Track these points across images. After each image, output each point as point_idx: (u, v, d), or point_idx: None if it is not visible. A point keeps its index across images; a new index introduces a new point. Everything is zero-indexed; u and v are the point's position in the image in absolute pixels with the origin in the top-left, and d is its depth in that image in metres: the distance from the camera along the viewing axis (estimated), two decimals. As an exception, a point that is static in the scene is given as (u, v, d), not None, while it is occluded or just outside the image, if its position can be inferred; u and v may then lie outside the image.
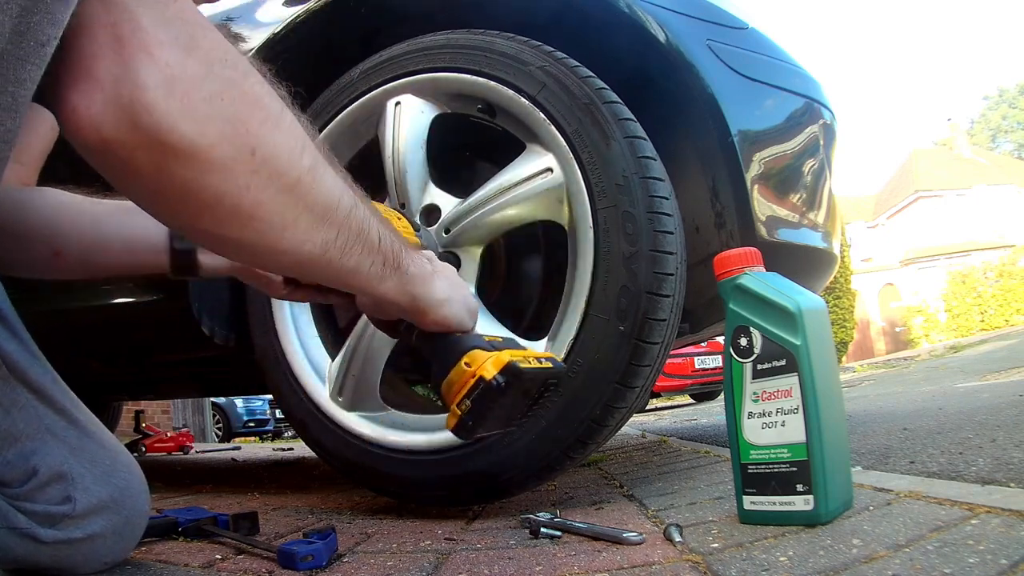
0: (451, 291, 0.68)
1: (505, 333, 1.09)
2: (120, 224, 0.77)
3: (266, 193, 0.48)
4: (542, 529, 0.85)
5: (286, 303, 1.26)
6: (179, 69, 0.43)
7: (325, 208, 0.53)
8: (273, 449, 4.12)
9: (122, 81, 0.41)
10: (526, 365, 0.65)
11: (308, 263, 0.54)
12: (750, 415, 0.81)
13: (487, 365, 0.63)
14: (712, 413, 5.21)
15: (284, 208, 0.50)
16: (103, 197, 0.79)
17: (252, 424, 9.73)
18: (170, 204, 0.48)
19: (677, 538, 0.77)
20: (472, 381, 0.63)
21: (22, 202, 0.74)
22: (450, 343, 0.67)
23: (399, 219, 0.80)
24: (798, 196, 1.33)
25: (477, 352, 0.65)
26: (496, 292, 1.30)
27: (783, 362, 0.79)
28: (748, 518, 0.82)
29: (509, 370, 0.63)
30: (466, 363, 0.65)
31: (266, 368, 1.28)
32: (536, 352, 0.72)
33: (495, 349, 0.65)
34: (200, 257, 0.78)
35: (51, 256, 0.75)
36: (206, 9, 1.18)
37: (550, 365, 0.71)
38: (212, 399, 8.56)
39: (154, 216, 0.51)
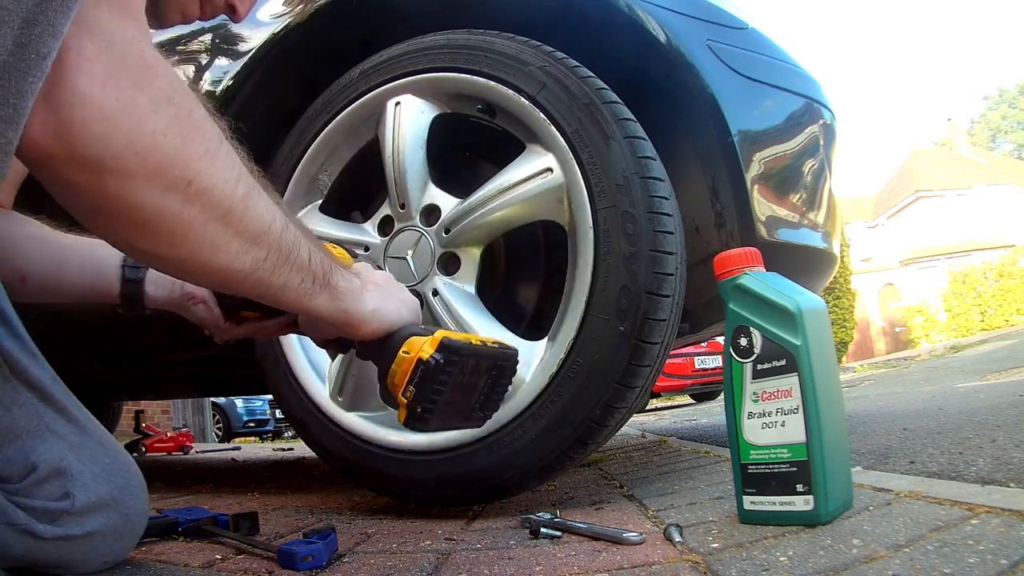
0: (382, 299, 0.70)
1: (504, 333, 1.09)
2: (80, 256, 0.80)
3: (199, 219, 0.51)
4: (542, 529, 0.85)
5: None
6: (128, 104, 0.45)
7: (255, 232, 0.56)
8: (273, 449, 4.12)
9: (68, 104, 0.43)
10: (464, 340, 0.65)
11: (238, 280, 0.58)
12: (750, 415, 0.81)
13: (424, 347, 0.64)
14: (712, 413, 5.21)
15: (216, 233, 0.53)
16: (70, 230, 0.81)
17: (252, 424, 9.72)
18: (108, 223, 0.51)
19: (677, 538, 0.77)
20: (411, 367, 0.64)
21: None
22: (389, 340, 0.68)
23: (334, 248, 0.81)
24: (798, 196, 1.33)
25: (414, 339, 0.65)
26: (496, 292, 1.30)
27: (783, 362, 0.79)
28: (748, 518, 0.82)
29: (445, 346, 0.63)
30: (404, 351, 0.65)
31: (266, 368, 1.28)
32: (486, 337, 0.71)
33: (431, 333, 0.65)
34: (147, 289, 0.80)
35: (18, 281, 0.77)
36: None
37: (496, 346, 0.70)
38: (212, 399, 8.56)
39: (93, 231, 0.53)
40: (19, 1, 0.40)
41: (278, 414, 9.14)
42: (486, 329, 1.09)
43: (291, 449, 3.78)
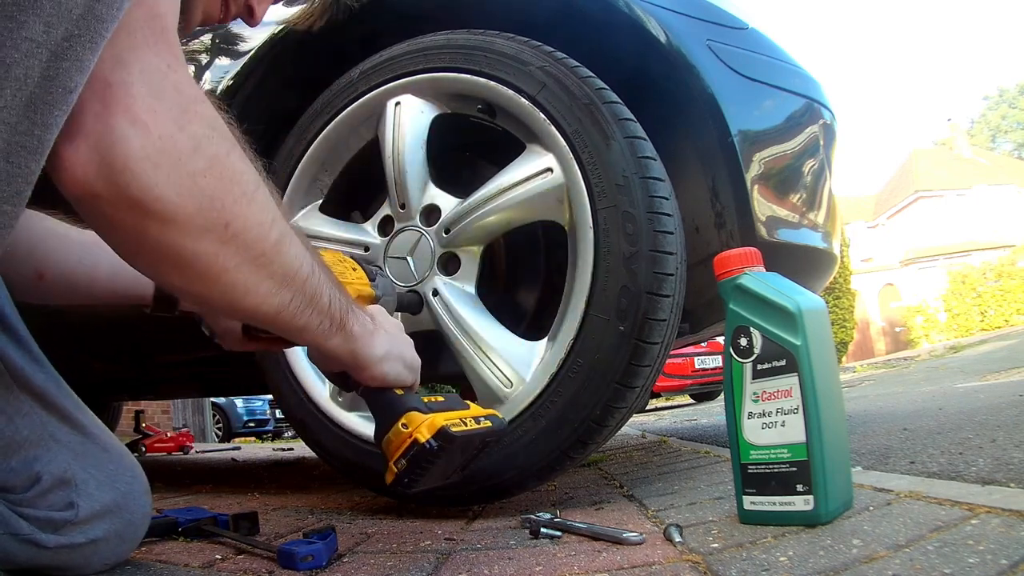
0: (390, 347, 0.71)
1: (503, 334, 1.09)
2: (110, 254, 0.79)
3: (234, 262, 0.52)
4: (542, 529, 0.85)
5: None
6: (169, 143, 0.46)
7: (285, 276, 0.57)
8: (273, 449, 4.12)
9: (110, 143, 0.43)
10: (459, 429, 0.68)
11: (263, 319, 0.59)
12: (750, 415, 0.81)
13: (422, 428, 0.66)
14: (712, 413, 5.21)
15: (248, 276, 0.54)
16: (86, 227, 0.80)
17: (252, 424, 9.72)
18: (145, 259, 0.52)
19: (677, 538, 0.77)
20: (408, 442, 0.66)
21: None
22: (389, 402, 0.71)
23: (354, 270, 0.83)
24: (798, 196, 1.33)
25: (414, 414, 0.68)
26: (496, 292, 1.30)
27: (783, 362, 0.79)
28: (748, 518, 0.82)
29: (442, 435, 0.66)
30: (403, 424, 0.68)
31: (266, 368, 1.29)
32: (478, 411, 0.74)
33: (431, 411, 0.68)
34: None
35: (35, 278, 0.76)
36: None
37: (489, 424, 0.73)
38: (212, 399, 8.56)
39: (132, 266, 0.54)
40: (48, 34, 0.40)
41: (278, 414, 9.13)
42: (487, 330, 1.09)
43: (291, 449, 3.78)
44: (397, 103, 1.19)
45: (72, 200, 0.46)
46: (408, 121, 1.18)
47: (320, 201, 1.31)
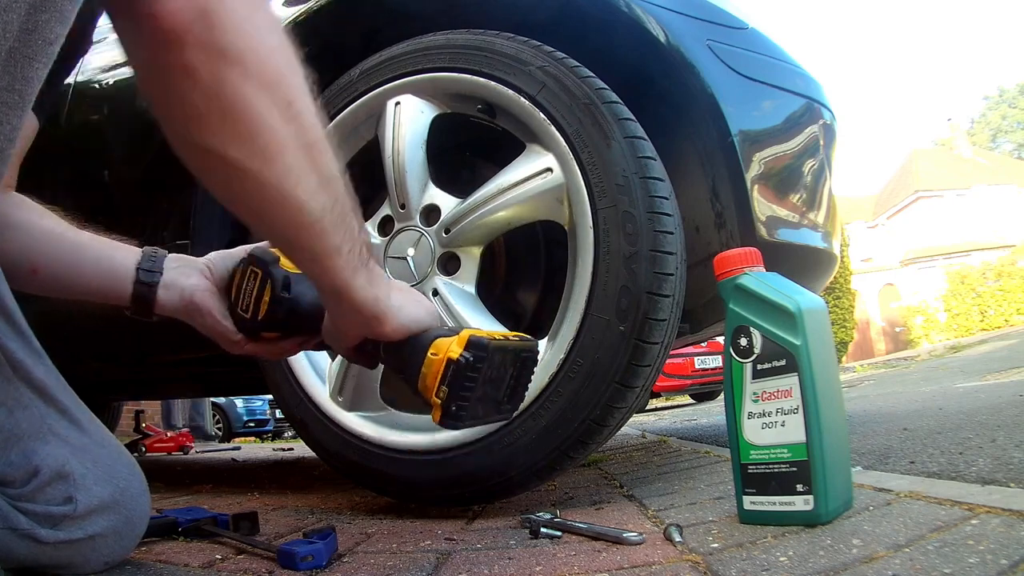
0: (404, 297, 0.71)
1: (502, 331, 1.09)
2: (97, 255, 0.79)
3: (293, 142, 0.54)
4: (542, 529, 0.85)
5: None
6: (255, 12, 0.50)
7: (328, 177, 0.58)
8: (273, 449, 4.12)
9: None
10: (491, 338, 0.66)
11: (307, 225, 0.58)
12: (750, 415, 0.81)
13: (453, 347, 0.65)
14: (712, 413, 5.21)
15: (302, 161, 0.55)
16: (84, 228, 0.81)
17: (252, 424, 9.72)
18: (212, 125, 0.51)
19: (677, 538, 0.77)
20: (443, 366, 0.65)
21: (7, 215, 0.75)
22: (414, 344, 0.69)
23: None
24: (798, 196, 1.33)
25: (440, 340, 0.67)
26: (496, 292, 1.30)
27: (783, 362, 0.79)
28: (748, 518, 0.82)
29: (473, 344, 0.65)
30: (432, 353, 0.66)
31: (266, 368, 1.29)
32: (506, 332, 0.73)
33: (456, 333, 0.67)
34: (158, 294, 0.78)
35: (29, 272, 0.77)
36: None
37: (521, 339, 0.72)
38: (212, 399, 8.56)
39: (189, 137, 0.52)
40: None
41: (278, 414, 9.13)
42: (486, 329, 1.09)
43: (291, 449, 3.78)
44: (397, 103, 1.19)
45: (158, 45, 0.46)
46: (408, 121, 1.18)
47: (320, 201, 1.30)
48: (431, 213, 1.16)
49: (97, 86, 1.51)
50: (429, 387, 0.66)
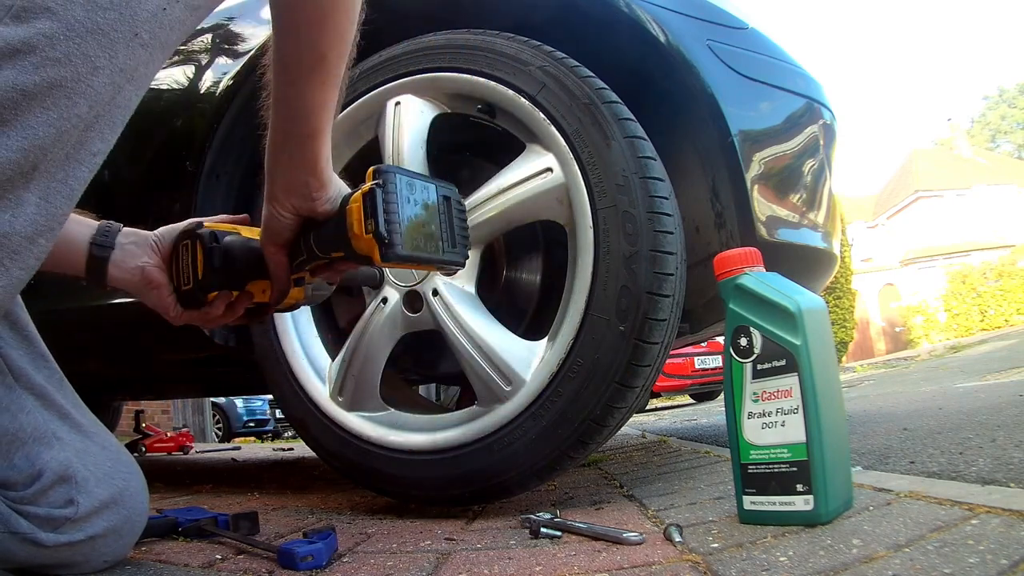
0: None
1: (503, 334, 1.09)
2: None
3: None
4: (542, 529, 0.85)
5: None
6: None
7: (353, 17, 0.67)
8: (273, 449, 4.12)
9: None
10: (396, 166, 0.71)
11: (344, 39, 0.67)
12: (750, 415, 0.81)
13: (362, 188, 0.70)
14: (712, 413, 5.21)
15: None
16: None
17: (252, 424, 9.73)
18: None
19: (677, 538, 0.77)
20: (360, 203, 0.68)
21: None
22: (336, 215, 0.73)
23: None
24: (798, 196, 1.32)
25: (353, 193, 0.71)
26: (496, 292, 1.30)
27: (783, 362, 0.79)
28: (748, 518, 0.82)
29: (377, 171, 0.69)
30: (352, 204, 0.70)
31: (266, 368, 1.28)
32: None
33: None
34: (110, 268, 0.81)
35: None
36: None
37: (432, 178, 0.77)
38: (212, 399, 8.56)
39: None
40: (90, 112, 0.51)
41: (278, 414, 9.14)
42: (487, 330, 1.09)
43: (291, 449, 3.78)
44: (397, 103, 1.19)
45: None
46: (408, 121, 1.18)
47: (320, 201, 1.30)
48: (431, 213, 1.15)
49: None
50: (358, 234, 0.68)
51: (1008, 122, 40.24)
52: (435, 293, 1.11)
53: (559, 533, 0.85)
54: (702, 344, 6.95)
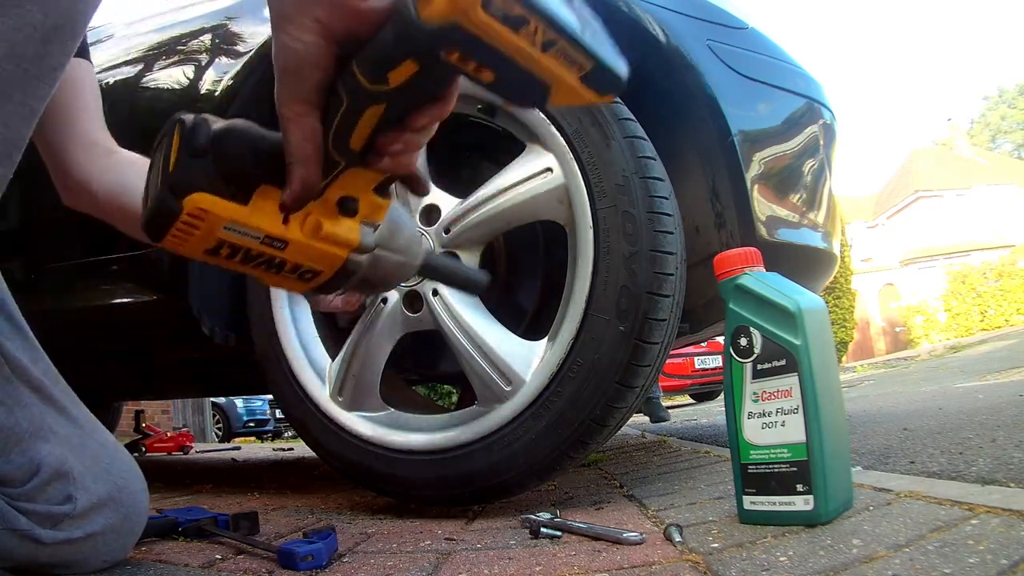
0: None
1: (503, 334, 1.09)
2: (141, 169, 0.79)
3: None
4: (542, 529, 0.85)
5: (286, 303, 1.26)
6: None
7: None
8: (273, 449, 4.12)
9: None
10: None
11: None
12: (750, 415, 0.81)
13: None
14: (712, 413, 5.21)
15: None
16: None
17: (252, 424, 9.72)
18: None
19: (677, 538, 0.77)
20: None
21: (122, 172, 0.77)
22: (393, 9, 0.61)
23: None
24: (798, 196, 1.33)
25: None
26: (496, 292, 1.30)
27: (783, 362, 0.79)
28: (748, 518, 0.82)
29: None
30: None
31: (266, 368, 1.28)
32: None
33: None
34: None
35: (86, 193, 0.79)
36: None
37: None
38: (212, 399, 8.56)
39: None
40: (45, 20, 0.46)
41: (278, 414, 9.14)
42: (487, 329, 1.09)
43: (291, 449, 3.78)
44: (397, 103, 1.19)
45: None
46: (408, 121, 1.17)
47: (320, 201, 1.30)
48: (431, 213, 1.16)
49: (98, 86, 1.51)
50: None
51: (1008, 122, 40.24)
52: (435, 293, 1.12)
53: (559, 533, 0.85)
54: (702, 344, 6.95)
